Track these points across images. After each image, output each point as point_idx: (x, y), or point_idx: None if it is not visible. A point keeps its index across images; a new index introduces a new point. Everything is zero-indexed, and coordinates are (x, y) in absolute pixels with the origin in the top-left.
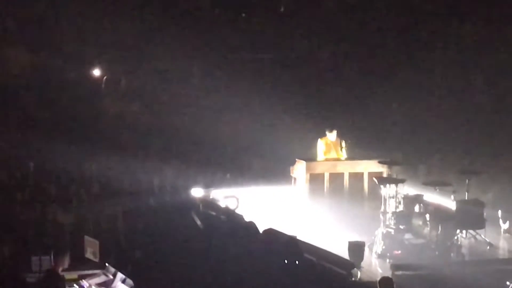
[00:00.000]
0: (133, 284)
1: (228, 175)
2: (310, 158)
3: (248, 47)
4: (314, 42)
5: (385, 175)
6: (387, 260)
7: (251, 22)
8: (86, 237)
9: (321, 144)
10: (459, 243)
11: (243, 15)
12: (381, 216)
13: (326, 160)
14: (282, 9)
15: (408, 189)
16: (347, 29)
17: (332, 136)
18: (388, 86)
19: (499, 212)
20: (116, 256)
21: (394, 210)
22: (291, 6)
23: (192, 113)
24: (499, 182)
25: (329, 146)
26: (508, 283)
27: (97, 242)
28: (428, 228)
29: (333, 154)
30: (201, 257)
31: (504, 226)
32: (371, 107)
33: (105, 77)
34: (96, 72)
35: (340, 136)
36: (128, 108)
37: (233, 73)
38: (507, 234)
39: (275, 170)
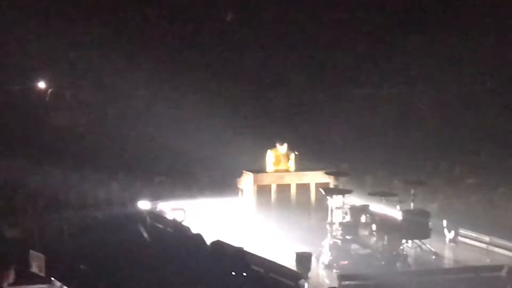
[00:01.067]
0: None
1: (175, 188)
2: (257, 169)
3: (195, 59)
4: (260, 54)
5: (331, 186)
6: (334, 271)
7: (197, 34)
8: (32, 252)
9: (270, 155)
10: (405, 252)
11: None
12: (328, 227)
13: (275, 171)
14: (228, 18)
15: (355, 200)
16: (293, 41)
17: (282, 148)
18: (334, 98)
19: (444, 221)
20: (62, 271)
21: (340, 220)
22: (237, 18)
23: (139, 125)
24: (444, 192)
25: (278, 158)
26: None
27: (43, 257)
28: (375, 238)
29: (282, 166)
30: (148, 270)
31: (449, 235)
32: (317, 119)
33: (50, 90)
34: (41, 85)
35: (289, 148)
36: (74, 121)
37: (180, 86)
38: (452, 244)
39: (222, 182)
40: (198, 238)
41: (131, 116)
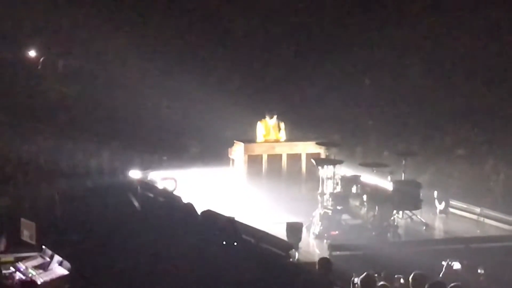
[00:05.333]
0: (70, 266)
1: (165, 157)
2: (248, 139)
3: (185, 29)
4: (252, 24)
5: (322, 156)
6: (325, 241)
7: (187, 4)
8: (23, 220)
9: (260, 127)
10: (395, 223)
11: None
12: (318, 197)
13: (265, 141)
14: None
15: (346, 170)
16: (284, 11)
17: (272, 120)
18: (325, 68)
19: (435, 192)
20: (53, 239)
21: (331, 191)
22: None
23: (130, 95)
24: (435, 163)
25: (268, 129)
26: (443, 262)
27: (33, 225)
28: (365, 209)
29: (272, 136)
30: (139, 239)
31: (440, 206)
32: (308, 89)
33: (42, 59)
34: (33, 53)
35: (279, 118)
36: (65, 90)
37: (171, 56)
38: (442, 215)
39: (213, 152)
40: (189, 207)
41: (122, 85)
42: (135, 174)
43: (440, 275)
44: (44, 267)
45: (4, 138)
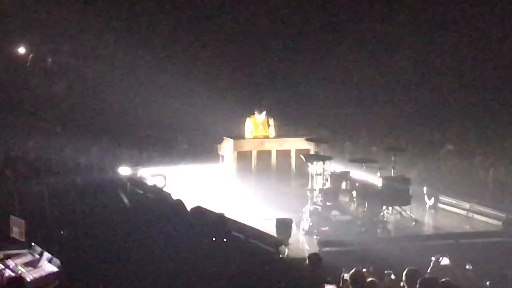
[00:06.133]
0: (60, 264)
1: (155, 154)
2: (237, 136)
3: (174, 26)
4: (241, 20)
5: (312, 152)
6: (315, 237)
7: (176, 0)
8: (12, 217)
9: (249, 123)
10: (385, 219)
11: None
12: (308, 193)
13: (254, 137)
14: None
15: (335, 166)
16: (273, 7)
17: (261, 116)
18: (314, 64)
19: (424, 188)
20: (42, 236)
21: (321, 187)
22: None
23: (119, 91)
24: (424, 158)
25: (257, 125)
26: (432, 258)
27: (23, 222)
28: (355, 205)
29: (261, 133)
30: (128, 236)
31: (429, 202)
32: (298, 85)
33: (31, 55)
34: (22, 50)
35: (268, 114)
36: (54, 86)
37: (160, 52)
38: (432, 210)
39: (202, 148)
40: (179, 204)
41: (110, 82)
42: (124, 170)
43: (428, 271)
44: (33, 264)
45: None
